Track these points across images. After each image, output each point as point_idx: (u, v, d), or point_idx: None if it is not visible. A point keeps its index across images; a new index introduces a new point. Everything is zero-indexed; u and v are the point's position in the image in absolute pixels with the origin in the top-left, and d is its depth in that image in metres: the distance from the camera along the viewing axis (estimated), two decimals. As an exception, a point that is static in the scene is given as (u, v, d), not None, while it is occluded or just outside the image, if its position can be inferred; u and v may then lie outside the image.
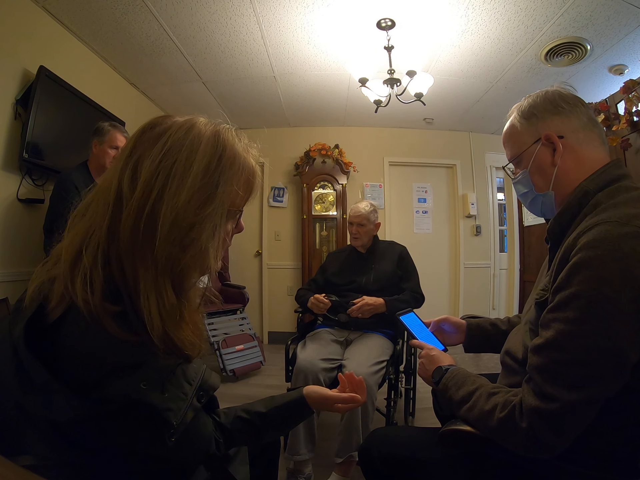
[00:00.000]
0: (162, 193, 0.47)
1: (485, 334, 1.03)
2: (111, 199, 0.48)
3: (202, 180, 0.49)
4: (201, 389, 0.54)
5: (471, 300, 4.06)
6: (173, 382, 0.48)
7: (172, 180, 0.47)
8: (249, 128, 4.14)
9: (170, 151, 0.48)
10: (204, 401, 0.54)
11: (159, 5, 2.10)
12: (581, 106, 0.74)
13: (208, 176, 0.49)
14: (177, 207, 0.47)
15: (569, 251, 0.62)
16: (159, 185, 0.47)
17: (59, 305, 0.46)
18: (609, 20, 2.18)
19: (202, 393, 0.54)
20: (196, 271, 0.51)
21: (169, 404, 0.46)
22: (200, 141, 0.50)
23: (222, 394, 0.71)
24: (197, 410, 0.52)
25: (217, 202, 0.50)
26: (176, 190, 0.47)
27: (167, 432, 0.46)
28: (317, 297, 1.81)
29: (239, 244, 4.06)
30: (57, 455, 0.48)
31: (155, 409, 0.44)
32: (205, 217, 0.49)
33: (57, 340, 0.45)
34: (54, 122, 2.08)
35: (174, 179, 0.47)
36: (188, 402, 0.49)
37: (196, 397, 0.52)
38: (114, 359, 0.44)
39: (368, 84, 2.32)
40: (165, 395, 0.46)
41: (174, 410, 0.47)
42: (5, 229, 1.93)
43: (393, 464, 0.83)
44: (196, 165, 0.48)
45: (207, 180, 0.49)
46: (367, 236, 1.96)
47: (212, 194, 0.49)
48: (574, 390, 0.57)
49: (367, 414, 1.48)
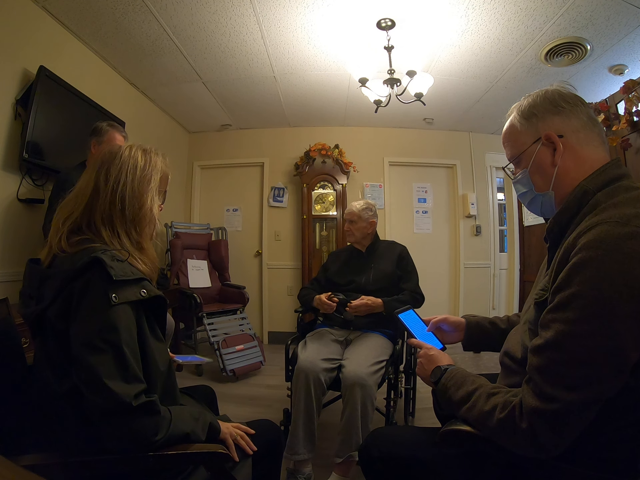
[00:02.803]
0: (125, 182, 0.83)
1: (484, 332, 1.03)
2: (88, 192, 0.82)
3: (143, 174, 0.86)
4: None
5: (471, 300, 4.06)
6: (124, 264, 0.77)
7: (128, 175, 0.84)
8: (249, 128, 4.16)
9: (124, 161, 0.85)
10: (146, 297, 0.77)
11: (159, 6, 2.10)
12: (581, 105, 0.74)
13: (145, 172, 0.86)
14: (133, 188, 0.84)
15: (569, 251, 0.62)
16: (122, 179, 0.83)
17: (47, 258, 0.80)
18: (609, 20, 2.18)
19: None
20: (147, 219, 0.86)
21: (116, 269, 0.72)
22: (137, 154, 0.87)
23: (222, 394, 0.72)
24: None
25: (152, 185, 0.87)
26: (132, 179, 0.84)
27: (112, 289, 0.70)
28: (322, 299, 1.82)
29: (239, 243, 4.07)
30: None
31: (105, 265, 0.71)
32: (148, 192, 0.86)
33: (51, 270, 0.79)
34: (54, 122, 2.08)
35: (129, 174, 0.84)
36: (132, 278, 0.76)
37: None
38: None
39: (368, 84, 2.32)
40: (115, 262, 0.73)
41: (116, 270, 0.72)
42: (5, 229, 1.93)
43: (393, 464, 0.83)
44: (139, 166, 0.86)
45: (145, 173, 0.86)
46: (359, 233, 1.97)
47: (149, 180, 0.87)
48: (574, 391, 0.57)
49: (367, 414, 1.48)
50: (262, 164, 4.14)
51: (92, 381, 0.66)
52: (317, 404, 1.55)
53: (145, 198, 0.84)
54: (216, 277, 3.60)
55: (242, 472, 0.84)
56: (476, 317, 1.07)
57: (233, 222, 4.17)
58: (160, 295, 0.79)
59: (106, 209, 0.80)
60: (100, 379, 0.65)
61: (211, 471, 0.79)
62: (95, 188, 0.81)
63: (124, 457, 0.70)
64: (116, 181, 0.82)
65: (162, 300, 0.80)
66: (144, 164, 0.86)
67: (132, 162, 0.85)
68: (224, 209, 4.20)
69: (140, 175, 0.85)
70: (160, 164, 0.90)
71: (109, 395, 0.65)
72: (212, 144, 4.23)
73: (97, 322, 0.68)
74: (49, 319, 0.72)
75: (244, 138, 4.18)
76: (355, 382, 1.48)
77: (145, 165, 0.86)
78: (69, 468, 0.69)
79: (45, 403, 0.74)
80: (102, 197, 0.81)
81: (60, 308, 0.71)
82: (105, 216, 0.80)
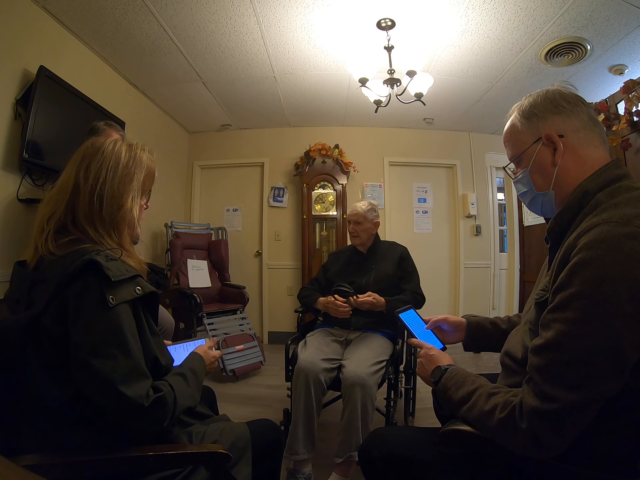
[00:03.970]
0: (104, 180, 0.78)
1: (484, 332, 1.03)
2: (69, 189, 0.78)
3: (125, 172, 0.81)
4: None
5: (471, 300, 4.06)
6: (119, 264, 0.74)
7: (109, 173, 0.79)
8: (249, 128, 4.16)
9: (105, 157, 0.80)
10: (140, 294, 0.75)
11: (159, 5, 2.10)
12: (582, 105, 0.74)
13: (128, 169, 0.82)
14: (113, 187, 0.79)
15: (569, 251, 0.62)
16: (102, 177, 0.78)
17: (32, 260, 0.76)
18: (609, 20, 2.18)
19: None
20: (125, 221, 0.82)
21: (113, 270, 0.70)
22: (121, 150, 0.82)
23: (222, 394, 0.72)
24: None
25: (134, 184, 0.83)
26: (112, 178, 0.79)
27: (108, 291, 0.69)
28: (336, 303, 1.80)
29: (239, 243, 4.07)
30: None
31: (100, 265, 0.69)
32: (129, 192, 0.81)
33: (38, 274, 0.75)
34: (54, 122, 2.08)
35: (110, 172, 0.79)
36: (128, 276, 0.74)
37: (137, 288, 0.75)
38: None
39: (368, 84, 2.32)
40: (111, 263, 0.71)
41: (113, 270, 0.70)
42: (5, 229, 1.93)
43: (393, 464, 0.83)
44: (121, 164, 0.81)
45: (128, 171, 0.82)
46: (365, 234, 1.96)
47: (131, 179, 0.82)
48: (574, 391, 0.57)
49: (367, 414, 1.47)
50: (262, 164, 4.14)
51: (104, 389, 0.66)
52: (317, 404, 1.54)
53: (125, 198, 0.80)
54: (216, 277, 3.60)
55: (242, 472, 0.84)
56: (477, 317, 1.07)
57: (233, 222, 4.17)
58: (154, 291, 0.79)
59: (86, 208, 0.77)
60: (113, 387, 0.65)
61: (211, 471, 0.79)
62: (75, 184, 0.78)
63: (124, 457, 0.70)
64: (95, 179, 0.77)
65: (154, 295, 0.79)
66: (127, 160, 0.82)
67: (114, 159, 0.80)
68: (224, 209, 4.20)
69: (121, 173, 0.80)
70: (145, 160, 0.85)
71: (123, 401, 0.66)
72: (212, 144, 4.23)
73: (100, 328, 0.67)
74: (43, 325, 0.69)
75: (244, 138, 4.18)
76: (355, 382, 1.48)
77: (128, 162, 0.82)
78: (69, 468, 0.69)
79: (44, 407, 0.73)
80: (82, 195, 0.77)
81: (55, 314, 0.68)
82: (86, 215, 0.77)
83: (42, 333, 0.69)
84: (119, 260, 0.75)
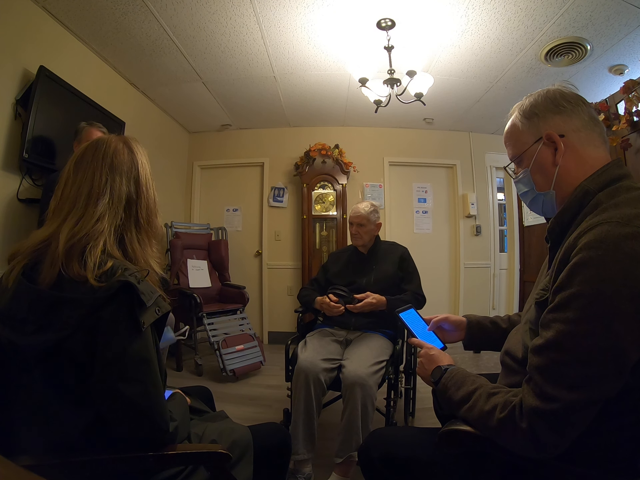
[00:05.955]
0: (147, 193, 0.80)
1: (485, 331, 1.03)
2: (123, 204, 0.75)
3: (150, 179, 0.82)
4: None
5: (471, 300, 4.06)
6: (147, 283, 0.71)
7: (148, 182, 0.81)
8: (249, 128, 4.16)
9: (134, 166, 0.79)
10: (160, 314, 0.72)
11: (159, 5, 2.10)
12: (583, 105, 0.74)
13: (149, 175, 0.82)
14: (151, 199, 0.82)
15: (570, 251, 0.62)
16: (147, 193, 0.80)
17: (46, 276, 0.67)
18: (609, 20, 2.18)
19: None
20: (155, 234, 0.83)
21: (146, 293, 0.67)
22: (143, 159, 0.82)
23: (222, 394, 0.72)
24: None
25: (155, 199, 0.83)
26: (147, 189, 0.80)
27: (141, 315, 0.65)
28: (329, 304, 1.81)
29: (239, 244, 4.07)
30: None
31: (136, 289, 0.66)
32: (156, 202, 0.83)
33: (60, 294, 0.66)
34: (54, 122, 2.08)
35: (149, 182, 0.81)
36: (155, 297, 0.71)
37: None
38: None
39: (368, 84, 2.31)
40: (142, 285, 0.67)
41: (146, 294, 0.67)
42: (5, 229, 1.93)
43: (393, 464, 0.83)
44: (148, 171, 0.82)
45: (150, 178, 0.82)
46: (367, 236, 1.95)
47: (153, 185, 0.83)
48: (575, 391, 0.57)
49: (367, 414, 1.47)
50: (262, 164, 4.14)
51: (135, 417, 0.66)
52: (317, 404, 1.54)
53: (157, 209, 0.82)
54: (216, 277, 3.60)
55: (242, 473, 0.84)
56: (477, 317, 1.07)
57: (233, 222, 4.17)
58: (169, 310, 0.76)
59: (141, 224, 0.78)
60: (144, 414, 0.66)
61: (211, 471, 0.79)
62: (128, 198, 0.77)
63: (124, 457, 0.70)
64: (143, 192, 0.78)
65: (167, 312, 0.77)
66: (147, 166, 0.83)
67: (142, 168, 0.80)
68: (224, 209, 4.20)
69: (151, 183, 0.81)
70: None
71: (153, 429, 0.67)
72: (212, 144, 4.23)
73: (133, 354, 0.65)
74: (67, 349, 0.63)
75: (244, 138, 4.18)
76: (355, 382, 1.48)
77: (146, 168, 0.84)
78: (69, 468, 0.69)
79: (61, 435, 0.70)
80: (139, 209, 0.77)
81: (84, 339, 0.63)
82: (138, 232, 0.77)
83: (63, 357, 0.64)
84: (145, 280, 0.71)
